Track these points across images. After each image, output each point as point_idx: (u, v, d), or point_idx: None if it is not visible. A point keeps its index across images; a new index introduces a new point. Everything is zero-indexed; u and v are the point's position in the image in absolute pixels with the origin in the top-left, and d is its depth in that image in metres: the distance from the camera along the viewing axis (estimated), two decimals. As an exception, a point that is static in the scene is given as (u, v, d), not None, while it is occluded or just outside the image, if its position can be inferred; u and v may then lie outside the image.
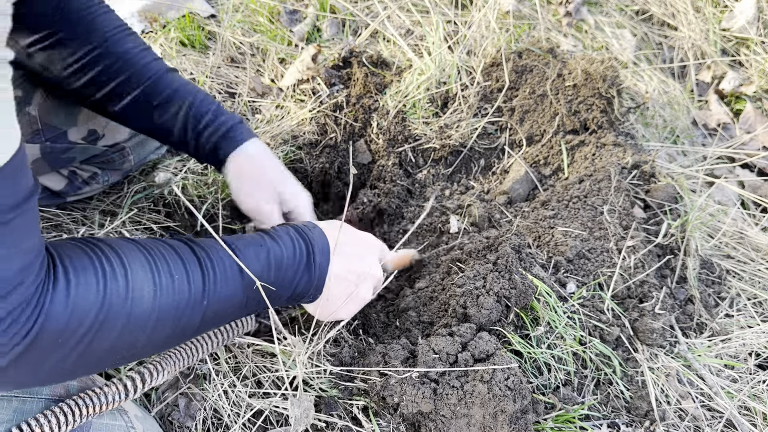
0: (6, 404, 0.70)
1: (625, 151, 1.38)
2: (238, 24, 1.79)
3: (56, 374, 0.65)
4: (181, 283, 0.71)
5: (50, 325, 0.59)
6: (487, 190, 1.41)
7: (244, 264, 0.77)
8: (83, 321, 0.61)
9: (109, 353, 0.66)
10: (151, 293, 0.67)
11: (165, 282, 0.69)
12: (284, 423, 0.94)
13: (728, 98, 2.03)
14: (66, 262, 0.62)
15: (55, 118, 1.05)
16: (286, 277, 0.83)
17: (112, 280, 0.64)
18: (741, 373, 1.16)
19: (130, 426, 0.80)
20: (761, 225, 1.52)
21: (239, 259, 0.77)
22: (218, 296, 0.75)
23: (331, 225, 0.93)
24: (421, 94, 1.45)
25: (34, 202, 0.59)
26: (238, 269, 0.77)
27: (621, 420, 1.03)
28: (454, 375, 0.90)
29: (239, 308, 0.80)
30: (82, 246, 0.66)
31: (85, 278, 0.62)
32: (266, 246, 0.82)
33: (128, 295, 0.65)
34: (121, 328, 0.65)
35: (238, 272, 0.77)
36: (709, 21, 2.11)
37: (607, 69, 1.44)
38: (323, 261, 0.87)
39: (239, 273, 0.77)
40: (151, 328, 0.68)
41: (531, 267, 1.08)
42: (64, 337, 0.60)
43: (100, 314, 0.62)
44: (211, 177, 1.36)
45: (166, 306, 0.69)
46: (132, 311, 0.65)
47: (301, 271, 0.85)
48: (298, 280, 0.85)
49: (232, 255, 0.77)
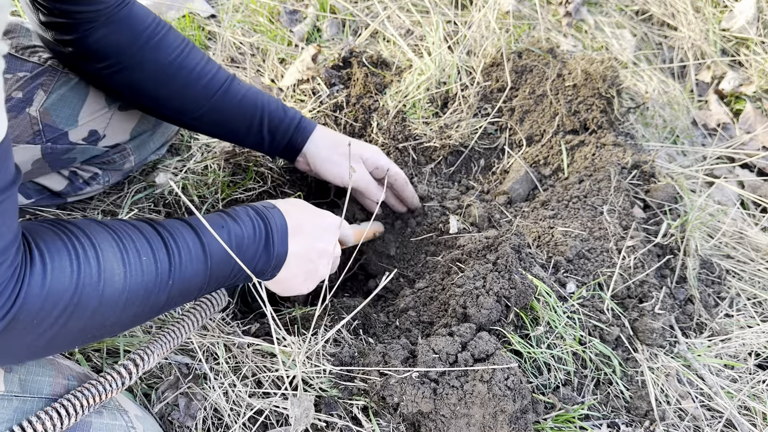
0: (6, 403, 0.70)
1: (625, 151, 1.38)
2: (238, 24, 1.80)
3: (29, 353, 0.67)
4: (149, 263, 0.72)
5: (27, 308, 0.60)
6: (487, 190, 1.41)
7: (206, 241, 0.80)
8: (58, 303, 0.63)
9: (81, 333, 0.68)
10: (122, 274, 0.69)
11: (134, 262, 0.71)
12: (284, 423, 0.94)
13: (728, 98, 2.03)
14: (41, 246, 0.64)
15: (56, 119, 1.05)
16: (246, 257, 0.86)
17: (85, 263, 0.66)
18: (741, 373, 1.17)
19: (131, 426, 0.80)
20: (761, 225, 1.52)
21: (202, 237, 0.80)
22: (183, 275, 0.77)
23: (290, 203, 0.97)
24: (421, 94, 1.45)
25: (16, 189, 0.62)
26: (201, 248, 0.79)
27: (621, 420, 1.03)
28: (454, 375, 0.90)
29: (203, 286, 0.82)
30: (54, 229, 0.68)
31: (59, 262, 0.64)
32: (228, 226, 0.84)
33: (101, 276, 0.67)
34: (93, 309, 0.67)
35: (201, 251, 0.79)
36: (709, 21, 2.11)
37: (607, 69, 1.44)
38: (282, 240, 0.90)
39: (202, 252, 0.79)
40: (121, 308, 0.70)
41: (531, 267, 1.08)
42: (39, 318, 0.62)
43: (74, 297, 0.64)
44: (211, 177, 1.36)
45: (136, 286, 0.71)
46: (104, 292, 0.67)
47: (261, 250, 0.88)
48: (258, 259, 0.88)
49: (197, 233, 0.80)
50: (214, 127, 1.16)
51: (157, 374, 0.97)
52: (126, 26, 1.00)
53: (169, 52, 1.04)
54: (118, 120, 1.15)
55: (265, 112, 1.14)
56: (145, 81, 1.05)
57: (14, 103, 1.00)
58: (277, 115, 1.15)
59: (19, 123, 1.01)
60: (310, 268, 0.96)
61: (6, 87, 0.99)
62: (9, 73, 0.99)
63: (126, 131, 1.18)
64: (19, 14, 1.60)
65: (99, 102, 1.10)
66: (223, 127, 1.15)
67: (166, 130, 1.29)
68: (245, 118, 1.13)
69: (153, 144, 1.27)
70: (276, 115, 1.15)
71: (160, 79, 1.06)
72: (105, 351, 0.98)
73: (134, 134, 1.20)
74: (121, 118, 1.15)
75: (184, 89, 1.07)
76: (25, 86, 1.00)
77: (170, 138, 1.32)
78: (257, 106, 1.13)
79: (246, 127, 1.15)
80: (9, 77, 0.99)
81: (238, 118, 1.13)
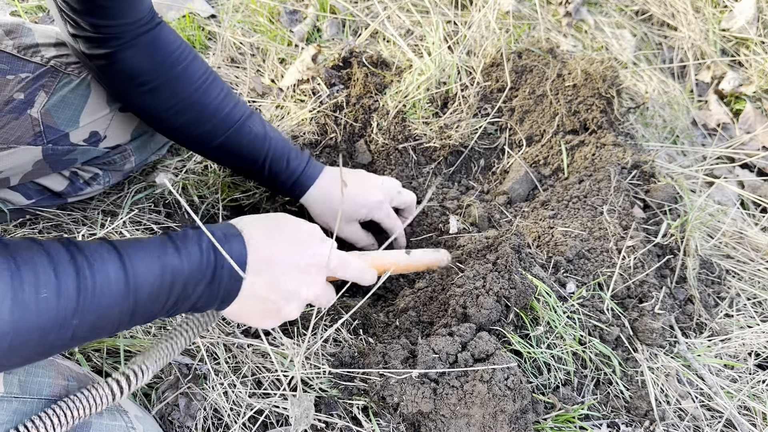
0: (6, 405, 0.70)
1: (625, 151, 1.38)
2: (238, 24, 1.80)
3: None
4: (49, 299, 0.63)
5: None
6: (487, 190, 1.41)
7: (131, 274, 0.69)
8: None
9: None
10: (6, 314, 0.60)
11: (28, 299, 0.61)
12: (284, 423, 0.94)
13: (728, 98, 2.03)
14: None
15: (58, 120, 1.05)
16: (184, 292, 0.75)
17: None
18: (741, 373, 1.17)
19: (130, 426, 0.80)
20: (761, 225, 1.52)
21: (127, 268, 0.69)
22: (95, 310, 0.66)
23: (267, 228, 0.83)
24: (421, 94, 1.45)
25: None
26: (124, 281, 0.69)
27: (621, 420, 1.03)
28: (453, 375, 0.90)
29: (121, 322, 0.72)
30: None
31: None
32: (165, 258, 0.73)
33: None
34: None
35: (123, 284, 0.69)
36: (709, 21, 2.11)
37: (607, 69, 1.44)
38: (232, 280, 0.78)
39: (125, 285, 0.69)
40: (6, 351, 0.62)
41: (531, 267, 1.08)
42: None
43: None
44: (211, 178, 1.36)
45: (27, 326, 0.61)
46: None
47: (204, 287, 0.76)
48: (199, 296, 0.77)
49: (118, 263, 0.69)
50: (223, 161, 1.21)
51: (157, 374, 0.97)
52: (153, 50, 1.01)
53: (192, 81, 1.05)
54: (119, 121, 1.15)
55: (268, 160, 1.14)
56: (164, 109, 1.06)
57: (16, 105, 1.00)
58: (279, 165, 1.15)
59: (20, 124, 1.01)
60: (269, 308, 0.83)
61: (8, 88, 0.99)
62: (11, 74, 0.99)
63: (127, 132, 1.18)
64: (20, 14, 1.60)
65: (100, 103, 1.11)
66: (231, 162, 1.19)
67: (167, 131, 1.29)
68: (250, 160, 1.14)
69: (153, 145, 1.27)
70: (278, 165, 1.15)
71: (179, 109, 1.07)
72: (105, 351, 0.98)
73: (135, 135, 1.20)
74: (121, 119, 1.15)
75: (198, 122, 1.09)
76: (26, 87, 1.00)
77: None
78: (261, 152, 1.14)
79: (251, 167, 1.16)
80: (11, 78, 0.99)
81: (246, 158, 1.14)
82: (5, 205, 1.16)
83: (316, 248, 0.86)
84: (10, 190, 1.15)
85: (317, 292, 0.87)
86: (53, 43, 1.05)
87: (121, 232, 1.19)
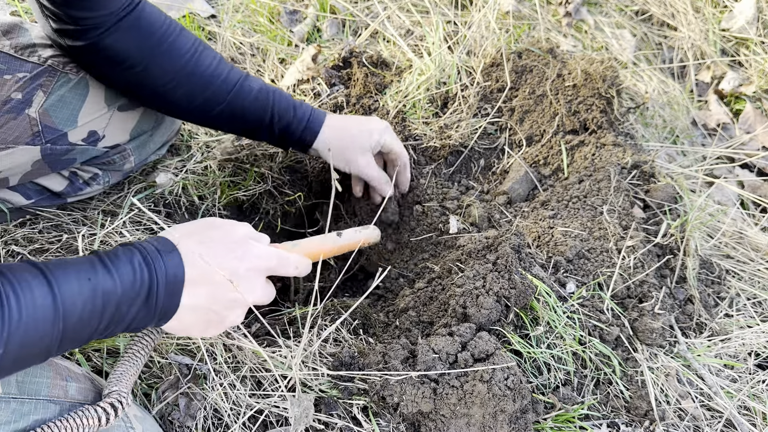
0: (4, 405, 0.70)
1: (625, 151, 1.38)
2: (238, 24, 1.80)
3: None
4: None
5: None
6: (487, 190, 1.41)
7: (60, 299, 0.66)
8: None
9: None
10: None
11: None
12: (284, 423, 0.94)
13: (728, 98, 2.03)
14: None
15: (56, 120, 1.05)
16: (118, 313, 0.72)
17: None
18: (740, 373, 1.17)
19: (129, 426, 0.80)
20: (761, 225, 1.52)
21: (54, 293, 0.66)
22: (20, 340, 0.63)
23: (201, 237, 0.80)
24: (421, 95, 1.45)
25: None
26: (52, 306, 0.65)
27: (620, 420, 1.03)
28: (453, 375, 0.90)
29: (50, 349, 0.68)
30: None
31: None
32: (96, 279, 0.69)
33: None
34: None
35: (51, 310, 0.65)
36: (709, 21, 2.11)
37: (607, 69, 1.44)
38: (169, 296, 0.76)
39: (53, 311, 0.65)
40: None
41: (531, 267, 1.08)
42: None
43: None
44: (211, 178, 1.36)
45: None
46: None
47: (139, 306, 0.73)
48: (134, 315, 0.74)
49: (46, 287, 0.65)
50: (229, 126, 1.19)
51: (157, 374, 0.97)
52: (136, 31, 1.01)
53: (181, 55, 1.05)
54: (118, 120, 1.15)
55: (275, 112, 1.15)
56: (159, 84, 1.06)
57: (14, 104, 1.00)
58: (287, 116, 1.17)
59: (18, 124, 1.01)
60: (211, 318, 0.81)
61: (6, 88, 0.99)
62: (8, 74, 0.99)
63: (126, 132, 1.18)
64: (19, 14, 1.60)
65: (98, 102, 1.10)
66: (237, 125, 1.18)
67: (166, 131, 1.29)
68: (257, 118, 1.15)
69: (153, 144, 1.27)
70: (286, 115, 1.16)
71: (174, 82, 1.07)
72: (105, 351, 0.98)
73: (134, 135, 1.20)
74: (120, 118, 1.15)
75: (196, 91, 1.09)
76: (24, 87, 1.00)
77: (170, 138, 1.32)
78: (267, 108, 1.15)
79: (258, 126, 1.17)
80: (8, 78, 0.99)
81: (250, 117, 1.15)
82: (5, 205, 1.16)
83: (252, 250, 0.84)
84: (10, 191, 1.14)
85: (259, 295, 0.85)
86: (50, 43, 1.05)
87: (121, 232, 1.19)
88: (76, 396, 0.78)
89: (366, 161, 1.22)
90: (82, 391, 0.79)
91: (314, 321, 1.07)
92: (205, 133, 1.47)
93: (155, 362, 0.98)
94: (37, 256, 1.13)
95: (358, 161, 1.21)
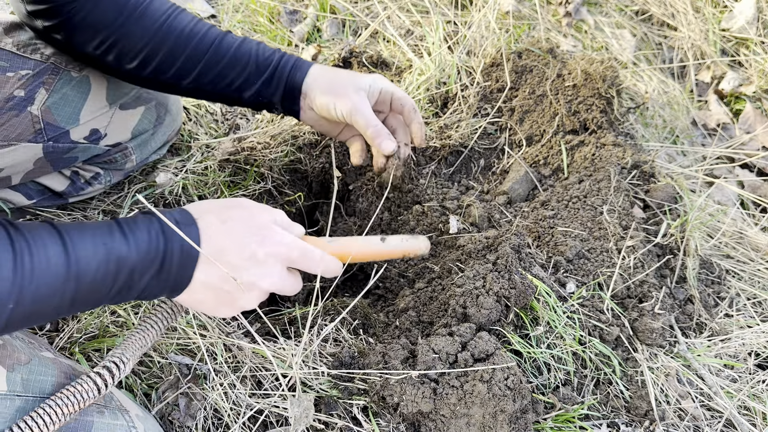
0: (9, 403, 0.70)
1: (625, 151, 1.38)
2: (238, 24, 1.80)
3: None
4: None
5: None
6: (487, 190, 1.41)
7: (74, 259, 0.67)
8: None
9: None
10: None
11: None
12: (284, 423, 0.94)
13: (728, 98, 2.03)
14: None
15: (58, 118, 1.05)
16: (131, 280, 0.72)
17: None
18: (740, 373, 1.17)
19: (132, 426, 0.80)
20: (761, 225, 1.52)
21: (69, 252, 0.67)
22: (32, 295, 0.64)
23: (223, 216, 0.79)
24: (421, 95, 1.46)
25: None
26: (66, 266, 0.66)
27: (620, 420, 1.03)
28: (453, 375, 0.90)
29: (60, 309, 0.69)
30: None
31: None
32: (110, 245, 0.70)
33: None
34: None
35: (64, 269, 0.66)
36: (709, 21, 2.11)
37: (607, 69, 1.44)
38: (183, 267, 0.75)
39: (65, 270, 0.66)
40: None
41: (531, 267, 1.08)
42: None
43: None
44: (211, 178, 1.36)
45: None
46: None
47: (151, 274, 0.73)
48: (146, 284, 0.74)
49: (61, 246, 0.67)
50: (213, 86, 1.09)
51: (157, 374, 0.97)
52: (108, 1, 0.98)
53: (155, 18, 1.01)
54: (120, 119, 1.15)
55: (260, 56, 1.07)
56: (138, 50, 1.02)
57: (16, 102, 1.00)
58: (273, 57, 1.08)
59: (20, 121, 1.01)
60: (223, 298, 0.80)
61: (8, 85, 0.99)
62: (11, 72, 0.99)
63: (127, 130, 1.18)
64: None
65: (100, 101, 1.11)
66: (221, 84, 1.08)
67: (167, 130, 1.29)
68: (241, 68, 1.06)
69: (154, 143, 1.27)
70: (271, 57, 1.08)
71: (152, 46, 1.02)
72: (105, 351, 0.98)
73: (135, 133, 1.20)
74: (122, 116, 1.15)
75: (176, 51, 1.03)
76: (27, 84, 1.01)
77: (171, 138, 1.32)
78: (251, 53, 1.07)
79: (244, 78, 1.07)
80: (11, 75, 0.99)
81: (234, 69, 1.06)
82: (6, 206, 1.16)
83: (275, 237, 0.81)
84: (11, 190, 1.15)
85: (276, 282, 0.82)
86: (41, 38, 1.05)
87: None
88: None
89: (361, 99, 1.07)
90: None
91: (314, 321, 1.08)
92: (205, 134, 1.47)
93: (155, 362, 0.98)
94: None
95: (352, 97, 1.06)
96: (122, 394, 0.87)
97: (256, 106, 1.14)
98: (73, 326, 1.03)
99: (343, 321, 1.09)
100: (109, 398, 0.82)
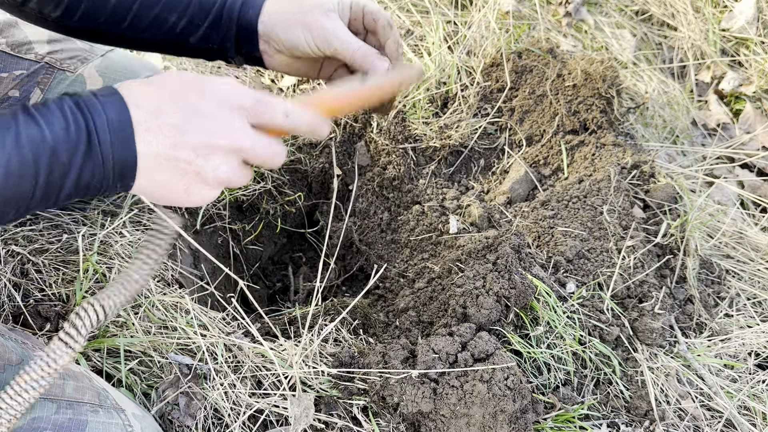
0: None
1: (625, 151, 1.38)
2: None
3: None
4: None
5: None
6: (487, 190, 1.41)
7: None
8: None
9: None
10: None
11: None
12: (284, 422, 0.94)
13: (728, 98, 2.03)
14: None
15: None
16: (57, 164, 0.62)
17: None
18: (740, 373, 1.17)
19: (127, 424, 0.79)
20: (761, 225, 1.52)
21: None
22: None
23: (153, 81, 0.68)
24: (421, 95, 1.45)
25: None
26: None
27: (620, 420, 1.03)
28: (453, 375, 0.90)
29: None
30: None
31: None
32: (17, 128, 0.61)
33: None
34: None
35: None
36: (709, 21, 2.11)
37: (607, 69, 1.44)
38: (117, 141, 0.64)
39: None
40: None
41: (531, 267, 1.08)
42: None
43: None
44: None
45: None
46: None
47: (81, 155, 0.63)
48: (80, 167, 0.63)
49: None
50: (153, 32, 0.93)
51: (157, 374, 0.97)
52: None
53: None
54: None
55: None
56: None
57: (11, 102, 1.00)
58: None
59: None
60: (185, 170, 0.66)
61: (3, 86, 0.99)
62: (5, 72, 0.99)
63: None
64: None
65: None
66: (162, 29, 0.93)
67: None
68: (182, 8, 0.91)
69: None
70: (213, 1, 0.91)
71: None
72: (105, 351, 0.98)
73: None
74: None
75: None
76: (22, 85, 1.01)
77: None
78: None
79: (187, 20, 0.92)
80: (5, 76, 0.99)
81: (175, 10, 0.91)
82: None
83: (217, 85, 0.68)
84: (10, 190, 1.14)
85: (241, 139, 0.67)
86: (46, 39, 1.05)
87: (121, 232, 1.19)
88: (74, 394, 0.78)
89: (333, 23, 0.89)
90: (79, 390, 0.79)
91: (314, 320, 1.07)
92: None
93: (155, 362, 0.98)
94: (37, 256, 1.13)
95: (323, 23, 0.88)
96: (119, 392, 0.87)
97: (209, 55, 0.97)
98: (73, 326, 1.03)
99: (343, 321, 1.09)
100: (105, 397, 0.81)
